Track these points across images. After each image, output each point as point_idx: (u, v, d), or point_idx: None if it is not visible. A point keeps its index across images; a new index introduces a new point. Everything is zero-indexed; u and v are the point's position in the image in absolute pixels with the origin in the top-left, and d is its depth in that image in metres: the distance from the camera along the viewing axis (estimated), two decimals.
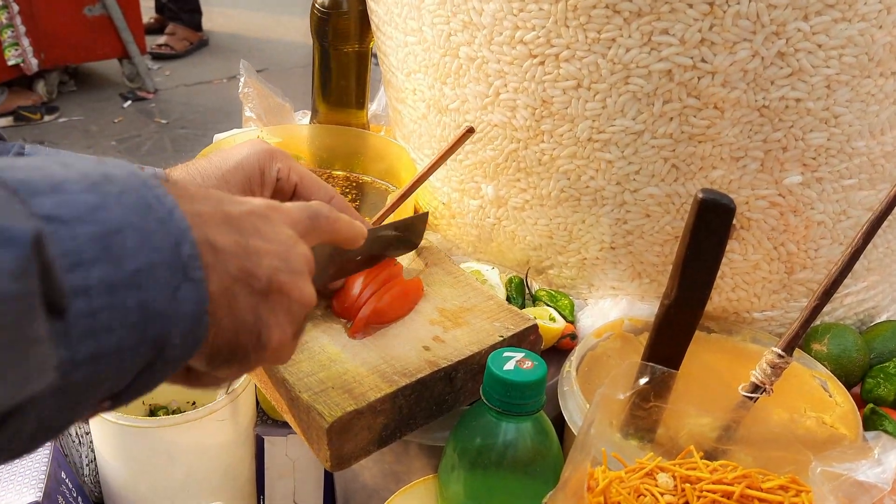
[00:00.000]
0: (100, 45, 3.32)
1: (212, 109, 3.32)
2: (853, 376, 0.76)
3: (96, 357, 0.32)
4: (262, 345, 0.41)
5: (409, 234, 0.73)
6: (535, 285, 0.86)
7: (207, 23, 4.10)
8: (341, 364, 0.62)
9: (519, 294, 0.83)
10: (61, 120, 3.21)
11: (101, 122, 3.21)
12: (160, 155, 2.98)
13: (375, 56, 0.99)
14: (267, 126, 1.05)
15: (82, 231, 0.31)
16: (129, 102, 3.38)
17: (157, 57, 3.80)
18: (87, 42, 3.28)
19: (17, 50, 3.03)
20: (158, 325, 0.34)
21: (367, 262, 0.68)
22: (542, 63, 0.71)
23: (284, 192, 0.63)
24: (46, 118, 3.19)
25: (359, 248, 0.55)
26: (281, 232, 0.43)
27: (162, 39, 3.86)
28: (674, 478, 0.56)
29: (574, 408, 0.67)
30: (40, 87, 3.25)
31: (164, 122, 3.25)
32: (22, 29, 3.04)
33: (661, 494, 0.54)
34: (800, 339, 0.64)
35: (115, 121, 3.24)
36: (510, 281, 0.84)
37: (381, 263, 0.70)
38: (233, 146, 0.63)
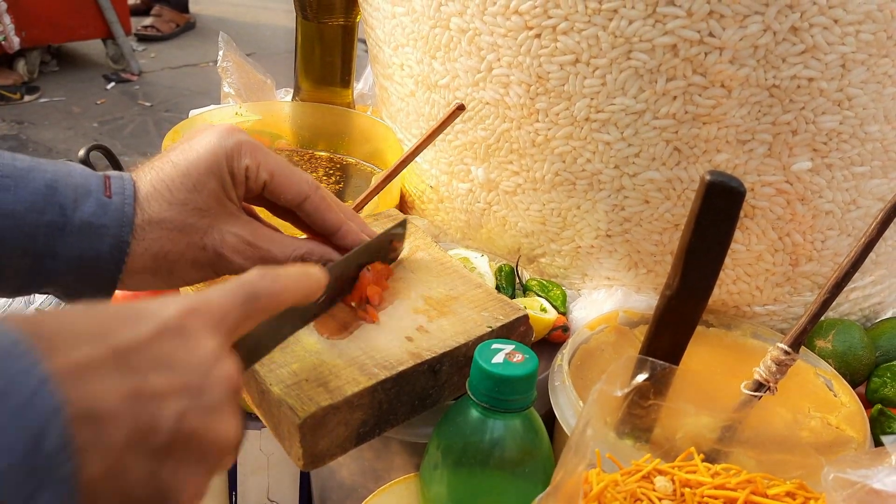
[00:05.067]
0: (83, 24, 3.26)
1: (197, 93, 3.26)
2: (859, 375, 0.73)
3: None
4: None
5: (389, 247, 0.65)
6: (525, 274, 0.82)
7: (195, 5, 4.04)
8: (316, 355, 0.58)
9: (509, 283, 0.79)
10: (42, 100, 3.14)
11: (84, 104, 3.15)
12: (143, 137, 2.92)
13: (363, 41, 0.94)
14: (246, 102, 1.00)
15: None
16: (113, 84, 3.32)
17: (142, 38, 3.74)
18: (71, 21, 3.22)
19: None
20: None
21: (336, 296, 0.61)
22: (538, 36, 0.67)
23: (253, 191, 0.56)
24: (27, 98, 3.12)
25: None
26: (196, 351, 0.36)
27: (148, 21, 3.81)
28: (672, 481, 0.52)
29: (566, 404, 0.63)
30: (21, 66, 3.18)
31: (147, 104, 3.19)
32: (3, 6, 2.97)
33: (660, 500, 0.50)
34: (807, 334, 0.60)
35: (98, 102, 3.18)
36: (500, 269, 0.80)
37: None
38: (196, 138, 0.56)
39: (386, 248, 0.65)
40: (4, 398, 0.28)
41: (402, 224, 0.67)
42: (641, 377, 0.54)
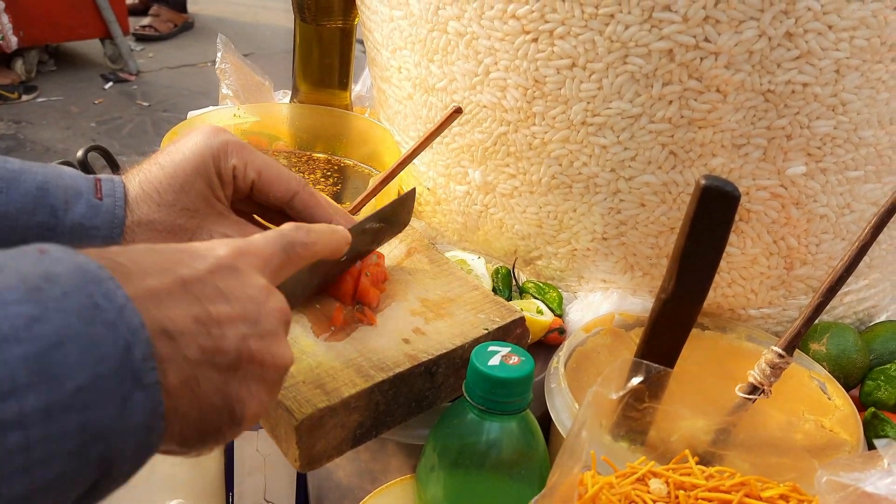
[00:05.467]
0: (81, 24, 3.26)
1: (195, 93, 3.26)
2: (852, 378, 0.73)
3: (28, 496, 0.28)
4: (236, 421, 0.38)
5: (398, 216, 0.67)
6: (522, 277, 0.82)
7: (193, 5, 4.04)
8: (314, 357, 0.58)
9: (505, 286, 0.79)
10: (40, 100, 3.14)
11: (82, 103, 3.14)
12: (141, 137, 2.92)
13: (361, 42, 0.94)
14: (244, 104, 1.01)
15: (15, 353, 0.28)
16: (111, 84, 3.32)
17: (140, 38, 3.74)
18: (69, 21, 3.22)
19: None
20: (103, 444, 0.31)
21: (356, 258, 0.63)
22: (535, 40, 0.67)
23: (241, 190, 0.57)
24: (24, 98, 3.12)
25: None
26: (250, 285, 0.40)
27: (146, 20, 3.80)
28: (667, 484, 0.52)
29: (561, 406, 0.64)
30: (18, 65, 3.18)
31: (145, 104, 3.19)
32: (1, 5, 2.96)
33: (654, 502, 0.51)
34: (801, 337, 0.60)
35: (96, 102, 3.17)
36: (497, 271, 0.80)
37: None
38: (182, 140, 0.56)
39: (398, 213, 0.66)
40: (98, 312, 0.31)
41: (411, 193, 0.67)
42: (636, 380, 0.55)
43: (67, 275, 0.31)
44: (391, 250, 0.71)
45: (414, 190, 0.68)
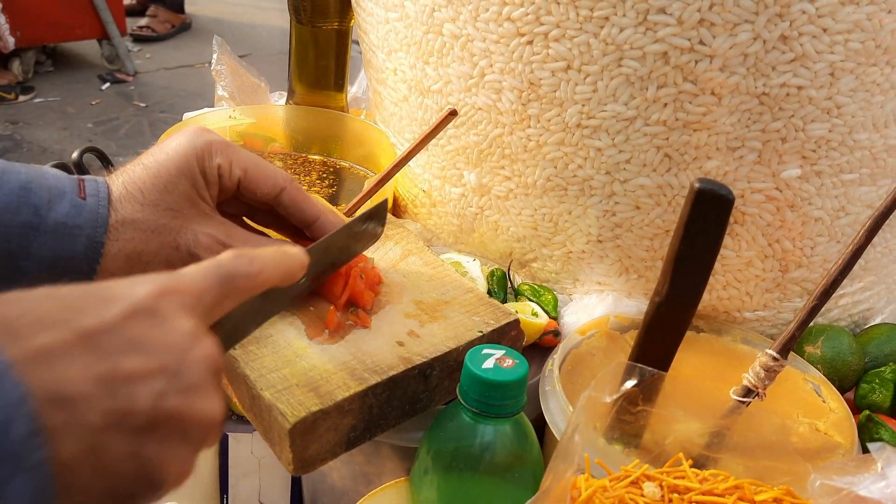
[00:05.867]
0: (78, 24, 3.25)
1: (192, 94, 3.25)
2: (847, 381, 0.73)
3: None
4: (155, 486, 0.34)
5: (369, 228, 0.63)
6: (517, 279, 0.82)
7: (191, 6, 4.03)
8: (307, 360, 0.58)
9: (501, 288, 0.79)
10: (37, 100, 3.13)
11: (79, 104, 3.14)
12: (138, 138, 2.91)
13: (357, 43, 0.94)
14: (240, 105, 1.00)
15: None
16: (108, 84, 3.31)
17: (137, 39, 3.73)
18: (66, 21, 3.21)
19: None
20: None
21: (321, 277, 0.61)
22: (530, 42, 0.67)
23: (228, 189, 0.57)
24: (22, 98, 3.11)
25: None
26: (171, 331, 0.35)
27: (143, 21, 3.80)
28: (661, 487, 0.52)
29: (556, 409, 0.63)
30: (16, 66, 3.18)
31: (142, 105, 3.18)
32: None
33: None
34: (796, 340, 0.60)
35: (93, 103, 3.17)
36: (492, 274, 0.80)
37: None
38: (166, 141, 0.56)
39: (366, 229, 0.63)
40: None
41: (382, 205, 0.64)
42: (630, 383, 0.55)
43: None
44: (386, 252, 0.71)
45: (385, 202, 0.64)
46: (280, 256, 0.44)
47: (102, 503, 0.33)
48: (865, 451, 0.65)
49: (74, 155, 0.95)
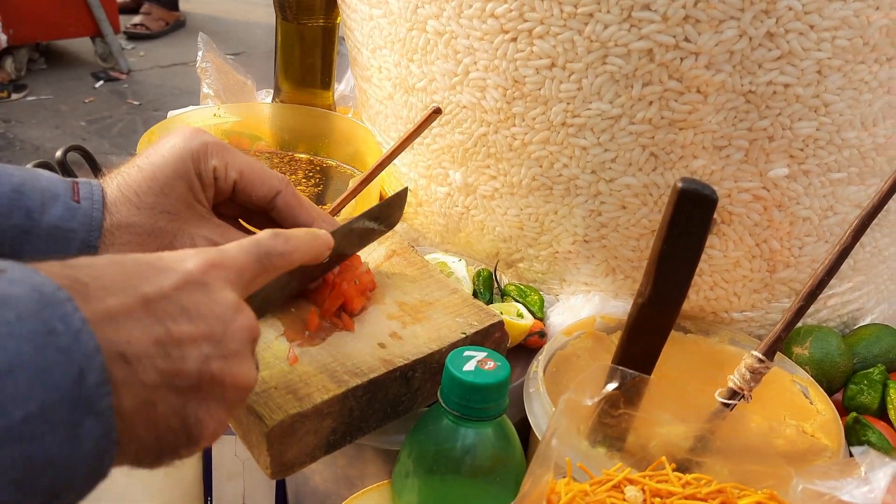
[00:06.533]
0: (72, 22, 3.23)
1: (186, 92, 3.24)
2: (835, 382, 0.72)
3: None
4: (193, 441, 0.38)
5: (387, 216, 0.66)
6: (504, 279, 0.81)
7: (185, 3, 4.01)
8: (287, 362, 0.57)
9: (487, 288, 0.78)
10: (30, 98, 3.12)
11: (72, 102, 3.12)
12: (132, 137, 2.90)
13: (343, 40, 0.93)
14: (225, 103, 0.99)
15: None
16: (101, 82, 3.30)
17: (131, 37, 3.72)
18: (59, 19, 3.20)
19: None
20: (51, 474, 0.30)
21: (341, 258, 0.62)
22: (514, 39, 0.66)
23: (223, 192, 0.56)
24: (14, 96, 3.10)
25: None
26: (218, 302, 0.39)
27: (137, 19, 3.78)
28: (643, 491, 0.51)
29: (540, 411, 0.63)
30: (8, 64, 3.16)
31: (136, 103, 3.17)
32: None
33: None
34: (781, 342, 0.60)
35: (86, 101, 3.15)
36: (478, 274, 0.79)
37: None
38: (161, 142, 0.56)
39: (388, 213, 0.65)
40: (52, 337, 0.31)
41: (402, 192, 0.66)
42: (611, 386, 0.54)
43: (23, 297, 0.31)
44: (370, 253, 0.70)
45: (405, 190, 0.66)
46: (311, 237, 0.48)
47: (149, 455, 0.36)
48: (852, 453, 0.65)
49: (58, 154, 0.94)
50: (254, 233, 0.61)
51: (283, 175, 0.59)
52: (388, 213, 0.65)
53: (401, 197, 0.66)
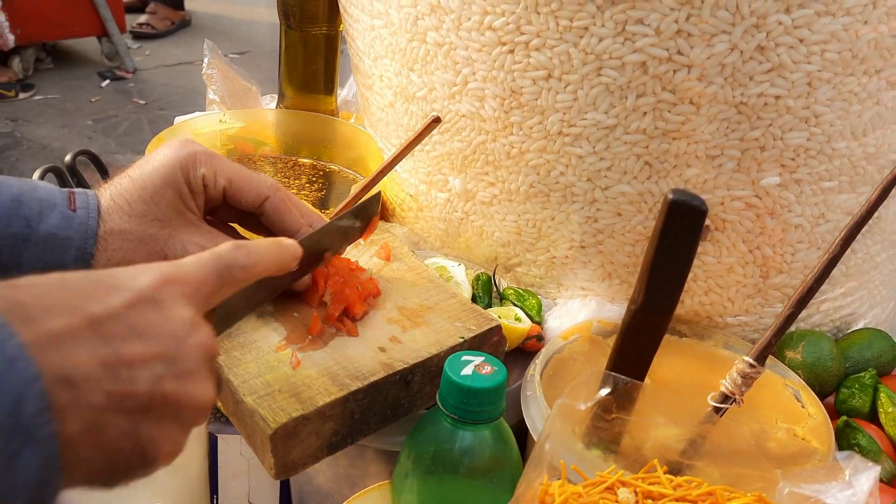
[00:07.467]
0: (78, 22, 3.25)
1: (191, 91, 3.25)
2: (827, 386, 0.74)
3: None
4: (149, 462, 0.37)
5: (361, 219, 0.67)
6: (503, 283, 0.83)
7: (190, 2, 4.03)
8: (290, 366, 0.59)
9: (486, 292, 0.80)
10: (37, 98, 3.14)
11: (78, 101, 3.14)
12: (137, 136, 2.92)
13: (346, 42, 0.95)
14: (231, 109, 1.01)
15: None
16: (108, 82, 3.32)
17: (137, 36, 3.73)
18: (66, 19, 3.22)
19: None
20: None
21: (312, 266, 0.63)
22: (511, 51, 0.68)
23: (214, 198, 0.59)
24: (22, 95, 3.12)
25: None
26: (171, 319, 0.37)
27: (143, 18, 3.79)
28: (635, 493, 0.53)
29: (536, 413, 0.64)
30: (16, 63, 3.18)
31: (142, 102, 3.19)
32: None
33: None
34: (772, 347, 0.61)
35: (93, 100, 3.17)
36: (477, 278, 0.81)
37: (339, 263, 0.66)
38: (153, 153, 0.58)
39: (357, 222, 0.66)
40: None
41: (372, 199, 0.67)
42: (604, 392, 0.55)
43: None
44: (371, 257, 0.72)
45: (379, 194, 0.68)
46: (275, 248, 0.46)
47: (101, 476, 0.35)
48: None
49: (68, 158, 0.96)
50: (245, 237, 0.63)
51: (274, 181, 0.61)
52: (362, 213, 0.67)
53: (375, 198, 0.68)
